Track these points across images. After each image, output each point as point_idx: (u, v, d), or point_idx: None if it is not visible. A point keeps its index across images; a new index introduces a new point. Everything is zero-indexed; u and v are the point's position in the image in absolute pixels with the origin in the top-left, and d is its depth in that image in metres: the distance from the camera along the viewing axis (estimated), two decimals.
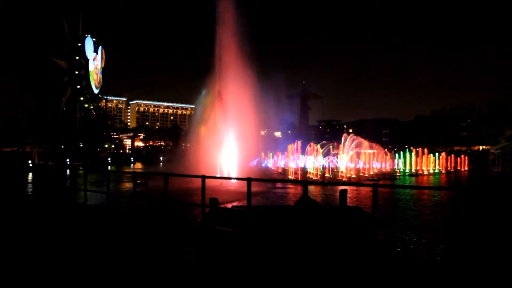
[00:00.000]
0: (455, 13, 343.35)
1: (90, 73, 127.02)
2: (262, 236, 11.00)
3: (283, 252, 9.67)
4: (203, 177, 12.93)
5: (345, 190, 14.69)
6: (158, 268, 8.66)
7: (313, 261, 8.94)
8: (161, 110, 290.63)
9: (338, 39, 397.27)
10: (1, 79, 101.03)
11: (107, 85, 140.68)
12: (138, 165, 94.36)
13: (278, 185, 35.26)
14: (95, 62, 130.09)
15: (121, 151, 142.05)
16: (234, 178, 27.34)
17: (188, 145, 73.01)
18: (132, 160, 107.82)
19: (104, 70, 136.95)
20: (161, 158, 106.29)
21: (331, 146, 67.61)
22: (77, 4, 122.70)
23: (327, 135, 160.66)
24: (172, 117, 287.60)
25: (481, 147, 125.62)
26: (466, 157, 76.05)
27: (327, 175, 50.04)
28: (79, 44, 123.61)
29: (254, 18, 50.39)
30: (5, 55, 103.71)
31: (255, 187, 18.41)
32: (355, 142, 60.67)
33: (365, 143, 63.35)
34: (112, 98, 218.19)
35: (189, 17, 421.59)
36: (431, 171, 64.29)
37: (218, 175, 37.75)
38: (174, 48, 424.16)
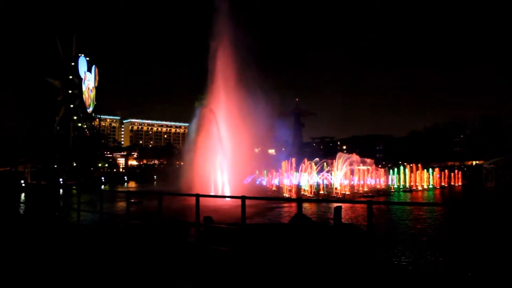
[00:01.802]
0: (449, 30, 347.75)
1: (84, 92, 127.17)
2: (257, 254, 10.95)
3: (277, 269, 9.62)
4: (197, 196, 12.90)
5: (340, 207, 14.70)
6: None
7: (308, 279, 8.91)
8: (154, 129, 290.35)
9: (331, 56, 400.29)
10: None
11: (101, 103, 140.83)
12: (132, 184, 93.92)
13: (273, 203, 35.05)
14: (88, 81, 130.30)
15: (114, 170, 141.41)
16: (228, 197, 27.31)
17: (182, 163, 72.86)
18: (126, 179, 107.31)
19: (98, 89, 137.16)
20: (155, 176, 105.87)
21: (325, 163, 67.69)
22: (70, 24, 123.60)
23: (321, 151, 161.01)
24: (166, 136, 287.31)
25: (474, 162, 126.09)
26: (460, 172, 76.34)
27: (321, 192, 50.02)
28: (73, 64, 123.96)
29: (248, 38, 51.23)
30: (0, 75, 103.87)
31: (250, 206, 18.39)
32: (348, 160, 60.74)
33: (358, 158, 63.42)
34: (105, 116, 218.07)
35: (183, 36, 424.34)
36: (425, 186, 64.41)
37: (212, 194, 37.62)
38: (167, 66, 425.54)
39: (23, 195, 48.60)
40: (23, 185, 70.89)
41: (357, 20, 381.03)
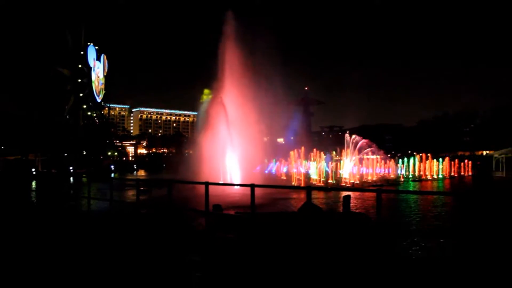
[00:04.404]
0: (458, 19, 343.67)
1: (93, 81, 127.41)
2: (266, 242, 10.99)
3: (286, 257, 9.65)
4: (207, 184, 12.95)
5: (348, 196, 14.69)
6: (163, 276, 8.67)
7: (317, 266, 8.93)
8: (163, 117, 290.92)
9: (340, 44, 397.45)
10: (5, 88, 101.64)
11: (110, 92, 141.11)
12: (142, 173, 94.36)
13: (283, 194, 34.65)
14: (97, 70, 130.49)
15: (124, 158, 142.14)
16: (237, 185, 27.34)
17: (191, 152, 73.02)
18: (135, 168, 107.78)
19: (107, 78, 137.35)
20: (164, 165, 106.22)
21: (333, 152, 67.48)
22: (80, 13, 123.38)
23: (330, 140, 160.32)
24: (174, 124, 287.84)
25: (484, 152, 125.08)
26: (470, 162, 75.69)
27: (330, 181, 49.92)
28: (82, 53, 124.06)
29: (257, 27, 51.39)
30: (9, 64, 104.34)
31: (260, 197, 18.43)
32: (359, 144, 60.23)
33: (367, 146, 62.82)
34: (114, 105, 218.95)
35: (192, 23, 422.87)
36: (434, 176, 64.05)
37: (221, 182, 37.67)
38: (177, 54, 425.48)
39: (34, 183, 49.02)
40: (34, 173, 71.51)
41: (368, 9, 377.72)
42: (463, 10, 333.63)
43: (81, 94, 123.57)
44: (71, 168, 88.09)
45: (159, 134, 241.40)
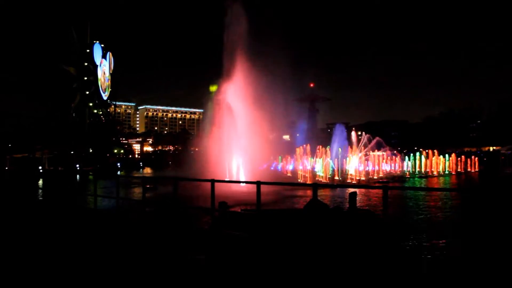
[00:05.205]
0: (463, 14, 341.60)
1: (99, 78, 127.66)
2: (272, 240, 10.97)
3: (293, 255, 9.63)
4: (213, 181, 12.94)
5: (355, 193, 14.59)
6: (168, 274, 8.67)
7: (323, 264, 8.90)
8: (169, 115, 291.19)
9: (346, 41, 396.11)
10: (11, 87, 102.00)
11: (116, 90, 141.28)
12: (148, 170, 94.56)
13: (289, 192, 34.54)
14: (103, 68, 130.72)
15: (130, 156, 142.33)
16: (243, 182, 27.33)
17: (197, 149, 73.13)
18: (141, 165, 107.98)
19: (113, 76, 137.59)
20: (169, 163, 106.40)
21: (339, 149, 67.27)
22: (85, 10, 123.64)
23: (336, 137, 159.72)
24: (180, 122, 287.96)
25: (491, 148, 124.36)
26: (477, 158, 75.29)
27: (336, 178, 49.86)
28: (88, 50, 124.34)
29: (262, 21, 51.28)
30: (15, 63, 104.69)
31: (266, 194, 18.40)
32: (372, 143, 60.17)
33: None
34: (120, 103, 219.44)
35: (197, 21, 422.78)
36: (441, 172, 63.82)
37: (227, 179, 37.64)
38: (182, 52, 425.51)
39: (40, 180, 49.27)
40: (41, 171, 71.86)
41: (374, 7, 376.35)
42: (465, 10, 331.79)
43: (87, 92, 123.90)
44: (77, 166, 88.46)
45: (165, 132, 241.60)
